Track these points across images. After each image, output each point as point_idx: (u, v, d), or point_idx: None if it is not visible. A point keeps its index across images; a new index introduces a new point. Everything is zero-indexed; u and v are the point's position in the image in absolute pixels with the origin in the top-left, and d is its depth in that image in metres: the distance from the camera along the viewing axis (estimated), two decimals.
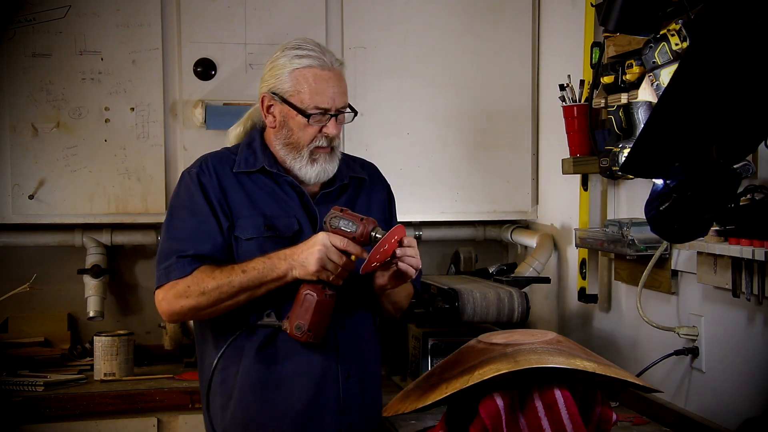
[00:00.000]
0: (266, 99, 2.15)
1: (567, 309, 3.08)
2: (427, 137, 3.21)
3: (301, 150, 2.13)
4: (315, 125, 2.10)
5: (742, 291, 2.05)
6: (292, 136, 2.13)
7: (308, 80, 2.10)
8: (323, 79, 2.10)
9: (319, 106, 2.09)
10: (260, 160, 2.15)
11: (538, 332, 1.84)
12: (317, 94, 2.09)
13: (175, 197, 2.17)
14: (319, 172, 2.14)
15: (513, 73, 3.27)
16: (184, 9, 3.04)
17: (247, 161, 2.16)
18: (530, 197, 3.31)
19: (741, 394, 2.16)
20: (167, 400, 2.79)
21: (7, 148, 2.94)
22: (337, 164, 2.17)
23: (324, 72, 2.11)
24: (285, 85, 2.11)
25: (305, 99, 2.09)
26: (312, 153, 2.12)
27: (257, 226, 2.10)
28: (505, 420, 1.66)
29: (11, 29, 2.92)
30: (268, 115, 2.16)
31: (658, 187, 1.73)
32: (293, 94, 2.10)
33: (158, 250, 2.13)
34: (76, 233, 3.17)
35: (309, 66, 2.10)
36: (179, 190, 2.17)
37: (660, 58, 2.22)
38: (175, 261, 2.06)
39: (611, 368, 1.72)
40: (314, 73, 2.10)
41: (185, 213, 2.12)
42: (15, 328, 3.19)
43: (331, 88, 2.10)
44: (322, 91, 2.09)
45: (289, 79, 2.11)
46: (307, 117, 2.09)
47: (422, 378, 1.88)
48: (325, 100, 2.10)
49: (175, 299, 2.05)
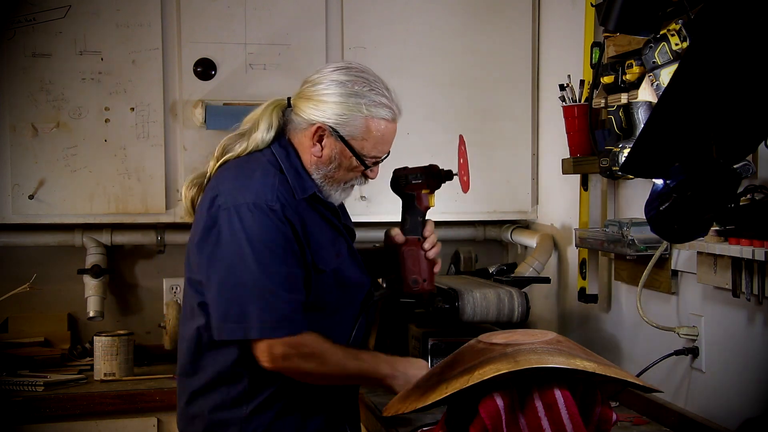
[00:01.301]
0: (321, 130, 2.02)
1: (567, 309, 3.08)
2: (427, 137, 3.21)
3: (339, 184, 2.07)
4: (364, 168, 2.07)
5: (742, 291, 2.05)
6: (337, 173, 2.05)
7: (379, 131, 2.02)
8: (390, 132, 2.05)
9: (377, 156, 2.06)
10: (310, 185, 2.05)
11: (538, 332, 1.84)
12: (381, 144, 2.04)
13: (258, 229, 1.93)
14: (345, 197, 2.13)
15: (513, 73, 3.27)
16: (184, 9, 3.04)
17: (302, 187, 2.04)
18: (530, 197, 3.31)
19: (741, 394, 2.16)
20: (167, 400, 2.79)
21: (7, 148, 2.94)
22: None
23: (391, 125, 2.04)
24: (350, 127, 2.00)
25: (368, 147, 2.02)
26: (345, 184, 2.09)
27: (331, 256, 2.05)
28: (505, 420, 1.66)
29: (11, 29, 2.92)
30: (317, 144, 2.03)
31: (658, 187, 1.73)
32: (356, 140, 2.01)
33: (243, 287, 1.91)
34: (76, 233, 3.17)
35: (383, 118, 2.02)
36: (260, 220, 1.93)
37: (660, 58, 2.22)
38: (289, 311, 1.91)
39: (611, 368, 1.73)
40: (385, 127, 2.03)
41: (277, 257, 1.93)
42: (15, 328, 3.19)
43: (391, 139, 2.07)
44: (385, 143, 2.05)
45: (361, 125, 2.00)
46: (366, 167, 2.05)
47: (422, 378, 1.88)
48: (384, 150, 2.06)
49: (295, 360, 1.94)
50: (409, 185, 2.17)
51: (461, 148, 2.28)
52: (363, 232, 2.36)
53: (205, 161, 2.18)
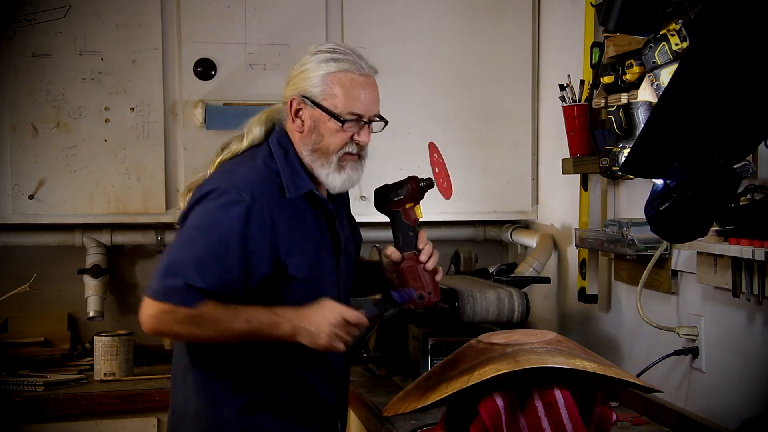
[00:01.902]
0: (295, 102, 2.04)
1: (567, 309, 3.08)
2: (426, 137, 3.18)
3: (330, 156, 2.03)
4: (348, 131, 2.02)
5: (742, 291, 2.05)
6: (322, 141, 2.03)
7: (344, 84, 2.01)
8: (359, 84, 2.03)
9: (353, 112, 2.02)
10: (306, 182, 2.03)
11: (538, 332, 1.84)
12: (353, 99, 2.02)
13: (212, 212, 1.95)
14: (345, 180, 2.05)
15: (513, 73, 3.27)
16: (184, 9, 3.04)
17: (296, 185, 2.02)
18: (530, 197, 3.31)
19: (741, 394, 2.16)
20: (167, 400, 2.73)
21: (7, 148, 2.94)
22: (362, 174, 2.09)
23: (360, 77, 2.03)
24: (317, 88, 2.01)
25: (339, 104, 2.00)
26: (341, 160, 2.03)
27: (310, 265, 2.01)
28: (505, 420, 1.66)
29: (11, 29, 2.92)
30: (296, 119, 2.04)
31: (658, 187, 1.73)
32: (326, 98, 2.01)
33: (169, 255, 1.94)
34: (76, 233, 3.17)
35: (345, 70, 2.01)
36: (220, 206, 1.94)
37: (660, 58, 2.22)
38: (181, 286, 1.89)
39: (611, 368, 1.73)
40: (351, 78, 2.02)
41: (213, 239, 1.92)
42: (15, 328, 3.19)
43: (366, 94, 2.04)
44: (357, 97, 2.02)
45: (323, 83, 2.01)
46: (342, 122, 2.01)
47: (422, 378, 1.88)
48: (360, 106, 2.02)
49: (171, 323, 1.91)
50: (391, 203, 2.10)
51: (433, 156, 2.19)
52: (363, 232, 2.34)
53: (206, 161, 2.17)
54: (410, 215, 2.11)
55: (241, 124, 2.19)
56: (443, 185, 2.15)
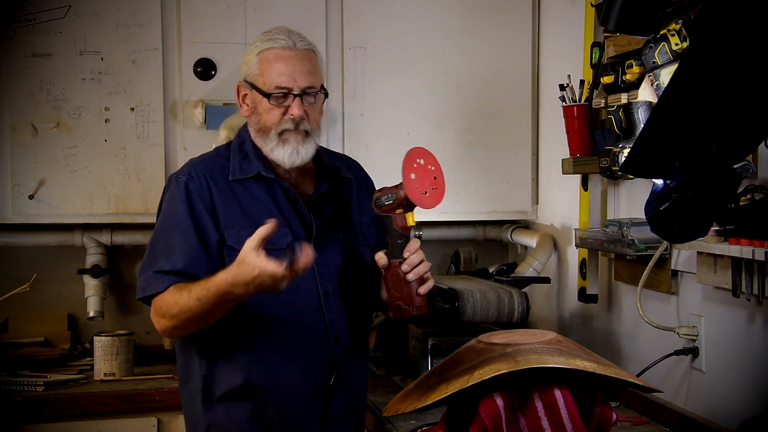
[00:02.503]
0: (241, 88, 2.14)
1: (567, 309, 3.08)
2: (427, 137, 3.21)
3: (269, 133, 2.08)
4: (279, 107, 2.06)
5: (742, 291, 2.05)
6: (261, 120, 2.09)
7: (268, 60, 2.07)
8: (283, 58, 2.06)
9: (279, 86, 2.05)
10: (255, 165, 2.11)
11: (538, 332, 1.84)
12: (277, 74, 2.05)
13: (163, 204, 2.13)
14: (292, 152, 2.08)
15: (513, 73, 3.27)
16: (184, 9, 3.04)
17: (242, 167, 2.11)
18: (530, 197, 3.31)
19: (741, 394, 2.16)
20: (167, 400, 2.79)
21: (7, 148, 2.94)
22: (312, 150, 2.11)
23: (284, 51, 2.07)
24: (251, 70, 2.09)
25: (267, 80, 2.06)
26: (281, 135, 2.08)
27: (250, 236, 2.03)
28: (505, 420, 1.66)
29: (11, 29, 2.92)
30: (244, 105, 2.14)
31: (658, 187, 1.73)
32: (257, 77, 2.08)
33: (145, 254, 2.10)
34: (76, 233, 3.17)
35: (270, 48, 2.07)
36: (165, 197, 2.13)
37: (660, 58, 2.22)
38: (151, 275, 2.02)
39: (611, 368, 1.73)
40: (275, 54, 2.06)
41: (168, 224, 2.08)
42: (15, 328, 3.19)
43: (291, 67, 2.06)
44: (281, 71, 2.05)
45: (255, 63, 2.08)
46: (268, 97, 2.06)
47: (422, 378, 1.88)
48: (284, 80, 2.05)
49: (156, 319, 2.03)
50: (383, 207, 2.06)
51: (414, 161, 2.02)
52: None
53: None
54: (399, 221, 2.03)
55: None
56: (421, 192, 1.99)
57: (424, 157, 2.01)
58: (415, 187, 1.98)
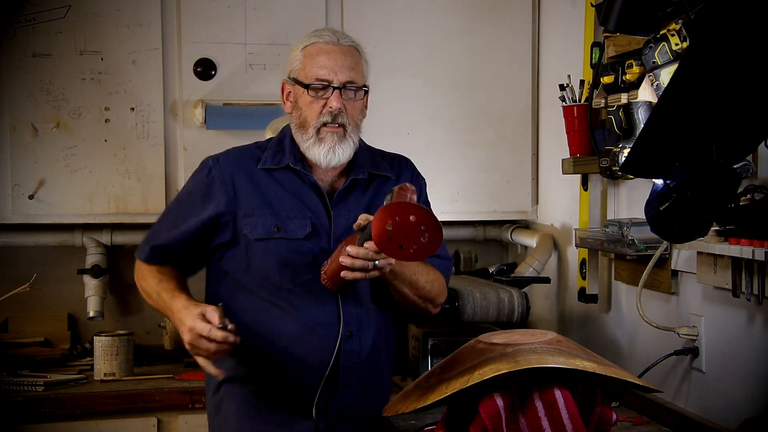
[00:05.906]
0: (285, 86, 2.17)
1: (567, 309, 3.08)
2: (427, 137, 3.21)
3: (308, 128, 2.09)
4: (318, 99, 2.08)
5: (742, 291, 2.05)
6: (301, 114, 2.11)
7: (310, 54, 2.10)
8: (325, 51, 2.10)
9: (319, 78, 2.08)
10: (286, 157, 2.13)
11: (538, 332, 1.84)
12: (319, 66, 2.08)
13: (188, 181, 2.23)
14: (328, 151, 2.08)
15: (513, 73, 3.27)
16: (184, 9, 3.04)
17: (274, 158, 2.15)
18: (530, 197, 3.31)
19: (741, 394, 2.16)
20: (167, 400, 2.79)
21: (7, 148, 2.94)
22: (350, 150, 2.11)
23: (327, 46, 2.10)
24: (295, 65, 2.13)
25: (308, 73, 2.09)
26: (318, 132, 2.08)
27: (267, 226, 2.08)
28: (505, 420, 1.66)
29: (11, 29, 2.92)
30: (287, 102, 2.16)
31: (658, 187, 1.73)
32: (300, 71, 2.11)
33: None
34: (76, 233, 3.17)
35: (313, 43, 2.11)
36: (193, 174, 2.20)
37: (660, 58, 2.22)
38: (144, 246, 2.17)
39: (611, 368, 1.73)
40: (318, 48, 2.10)
41: (179, 199, 2.22)
42: (15, 328, 3.19)
43: (333, 60, 2.08)
44: (323, 64, 2.08)
45: (299, 58, 2.12)
46: (307, 88, 2.08)
47: (422, 378, 1.88)
48: (325, 72, 2.08)
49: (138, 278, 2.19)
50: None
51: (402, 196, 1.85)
52: None
53: None
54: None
55: (240, 124, 2.25)
56: (390, 237, 1.78)
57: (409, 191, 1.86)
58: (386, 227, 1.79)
